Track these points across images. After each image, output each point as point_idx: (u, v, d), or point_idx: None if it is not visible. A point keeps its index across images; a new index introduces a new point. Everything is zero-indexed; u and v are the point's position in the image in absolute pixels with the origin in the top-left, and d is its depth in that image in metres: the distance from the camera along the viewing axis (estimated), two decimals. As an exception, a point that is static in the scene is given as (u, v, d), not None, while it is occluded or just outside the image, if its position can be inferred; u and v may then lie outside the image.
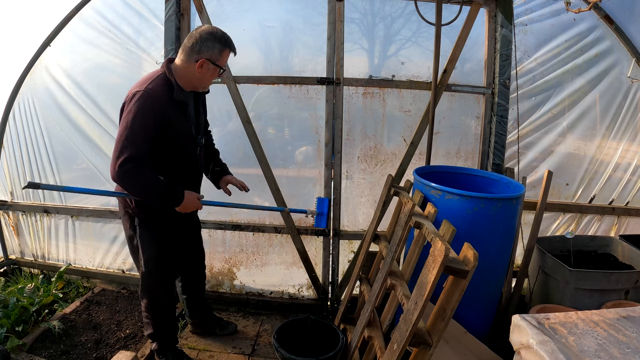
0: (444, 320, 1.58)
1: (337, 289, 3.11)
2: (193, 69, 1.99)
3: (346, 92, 2.85)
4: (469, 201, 2.17)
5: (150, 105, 1.89)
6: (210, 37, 1.97)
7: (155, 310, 2.32)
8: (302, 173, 3.02)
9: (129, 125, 1.87)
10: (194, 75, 2.01)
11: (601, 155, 3.01)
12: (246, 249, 3.14)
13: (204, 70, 2.00)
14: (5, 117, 3.16)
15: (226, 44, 2.01)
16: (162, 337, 2.38)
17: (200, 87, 2.11)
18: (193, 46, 1.96)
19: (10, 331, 2.53)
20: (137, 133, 1.87)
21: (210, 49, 1.97)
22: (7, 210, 3.39)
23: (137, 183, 1.92)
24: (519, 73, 2.83)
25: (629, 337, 1.42)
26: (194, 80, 2.04)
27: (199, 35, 1.97)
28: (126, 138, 1.86)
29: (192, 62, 1.98)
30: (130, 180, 1.90)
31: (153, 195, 1.98)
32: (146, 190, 1.96)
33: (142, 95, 1.89)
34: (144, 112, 1.87)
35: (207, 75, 2.04)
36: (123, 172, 1.86)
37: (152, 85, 1.93)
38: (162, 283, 2.30)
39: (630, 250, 2.71)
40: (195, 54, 1.97)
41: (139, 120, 1.87)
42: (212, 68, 2.01)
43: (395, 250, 2.01)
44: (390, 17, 2.87)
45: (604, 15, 2.73)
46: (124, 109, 1.94)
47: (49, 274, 3.38)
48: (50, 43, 2.96)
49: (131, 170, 1.87)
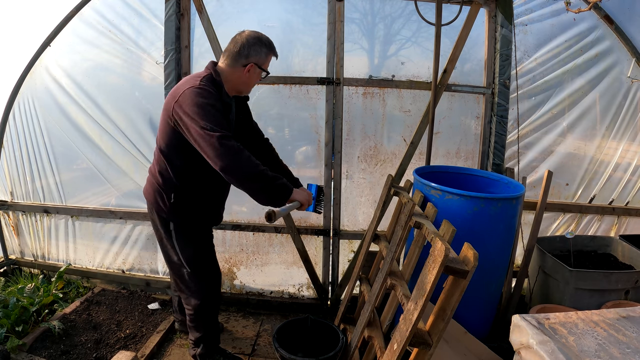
0: (444, 320, 1.58)
1: (337, 288, 3.11)
2: (240, 74, 2.00)
3: (346, 92, 2.85)
4: (469, 201, 2.17)
5: (212, 95, 1.86)
6: (257, 42, 1.98)
7: (206, 310, 2.27)
8: (302, 173, 3.01)
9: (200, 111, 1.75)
10: (240, 79, 2.02)
11: (601, 155, 3.01)
12: (246, 248, 3.14)
13: (251, 74, 2.01)
14: (5, 117, 3.16)
15: (271, 48, 2.03)
16: (209, 340, 2.34)
17: (245, 91, 2.11)
18: (241, 51, 1.97)
19: (10, 331, 2.53)
20: (214, 111, 1.79)
21: (258, 54, 1.99)
22: (7, 210, 3.39)
23: (245, 161, 1.75)
24: (519, 73, 2.83)
25: (629, 337, 1.42)
26: (240, 84, 2.05)
27: (246, 40, 1.97)
28: (207, 121, 1.74)
29: (238, 67, 1.99)
30: (237, 158, 1.72)
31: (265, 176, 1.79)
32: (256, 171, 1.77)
33: (200, 88, 1.84)
34: (207, 99, 1.81)
35: (253, 79, 2.05)
36: (227, 154, 1.71)
37: (204, 83, 1.90)
38: (212, 281, 2.28)
39: (630, 250, 2.71)
40: (244, 58, 1.97)
41: (208, 103, 1.80)
42: (257, 72, 2.03)
43: (395, 250, 2.01)
44: (390, 17, 2.87)
45: (604, 15, 2.73)
46: (174, 105, 1.84)
47: (49, 274, 3.38)
48: (50, 43, 2.96)
49: (234, 146, 1.72)
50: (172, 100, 1.89)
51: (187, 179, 2.04)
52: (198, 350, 2.37)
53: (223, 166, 1.74)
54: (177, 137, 1.92)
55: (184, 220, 2.11)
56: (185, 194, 2.06)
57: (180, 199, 2.06)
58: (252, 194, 1.84)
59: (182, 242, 2.14)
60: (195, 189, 2.07)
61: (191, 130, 1.78)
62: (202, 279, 2.22)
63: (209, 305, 2.30)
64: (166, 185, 2.05)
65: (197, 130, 1.75)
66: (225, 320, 2.97)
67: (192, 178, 2.04)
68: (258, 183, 1.79)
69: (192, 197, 2.08)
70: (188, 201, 2.08)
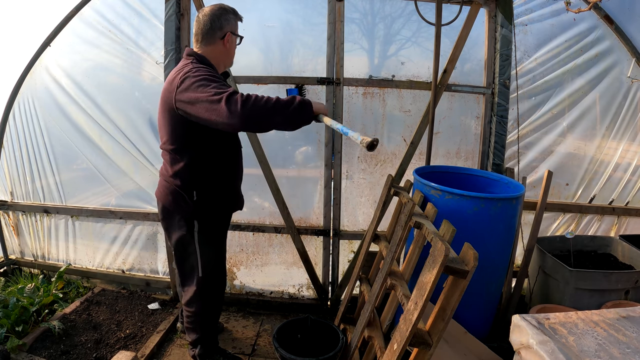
0: (444, 320, 1.58)
1: (337, 289, 3.11)
2: (220, 47, 2.02)
3: (346, 92, 2.85)
4: (469, 201, 2.17)
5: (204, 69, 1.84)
6: (224, 11, 1.99)
7: (207, 314, 2.28)
8: (302, 173, 3.02)
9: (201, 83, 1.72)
10: (222, 53, 2.03)
11: (601, 155, 3.01)
12: (246, 248, 3.14)
13: (230, 43, 2.04)
14: (5, 117, 3.16)
15: (235, 12, 2.06)
16: (207, 341, 2.35)
17: (228, 63, 2.13)
18: (213, 25, 1.97)
19: (10, 331, 2.53)
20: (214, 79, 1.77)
21: (229, 21, 2.01)
22: (7, 210, 3.39)
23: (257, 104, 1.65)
24: (519, 73, 2.83)
25: (629, 337, 1.42)
26: (224, 58, 2.06)
27: (212, 13, 1.97)
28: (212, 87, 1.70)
29: (217, 41, 2.00)
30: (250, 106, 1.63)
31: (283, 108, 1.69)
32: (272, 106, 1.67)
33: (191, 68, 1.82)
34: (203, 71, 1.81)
35: (232, 48, 2.08)
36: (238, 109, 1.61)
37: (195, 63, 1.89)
38: (218, 286, 2.30)
39: (630, 250, 2.71)
40: (219, 30, 1.98)
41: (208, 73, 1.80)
42: (234, 39, 2.06)
43: (395, 250, 2.01)
44: (390, 17, 2.87)
45: (604, 15, 2.73)
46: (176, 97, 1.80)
47: (49, 274, 3.38)
48: (50, 43, 2.96)
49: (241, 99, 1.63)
50: (170, 94, 1.85)
51: (205, 170, 2.02)
52: (196, 350, 2.37)
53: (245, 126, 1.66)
54: (187, 127, 1.89)
55: (209, 217, 2.10)
56: (207, 186, 2.04)
57: (204, 194, 2.04)
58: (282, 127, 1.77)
59: (204, 244, 2.11)
60: (215, 177, 2.05)
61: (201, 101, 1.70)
62: (210, 285, 2.22)
63: (211, 310, 2.31)
64: (186, 185, 2.01)
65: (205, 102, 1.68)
66: (225, 320, 2.97)
67: (210, 167, 2.02)
68: (280, 116, 1.70)
69: (215, 186, 2.06)
70: (211, 192, 2.06)
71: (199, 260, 2.12)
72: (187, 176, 2.00)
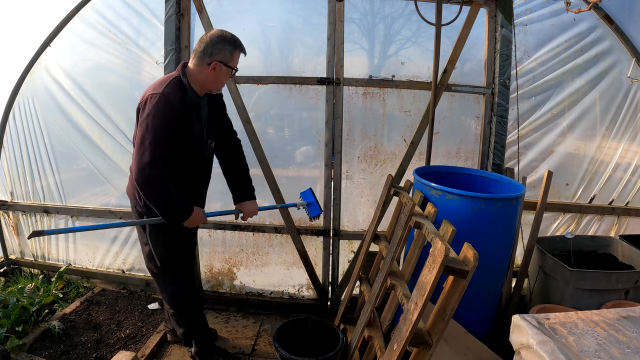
0: (444, 320, 1.58)
1: (337, 289, 3.11)
2: (206, 72, 2.04)
3: (346, 92, 2.85)
4: (469, 201, 2.17)
5: (169, 107, 1.92)
6: (220, 40, 2.02)
7: (181, 305, 2.31)
8: (302, 173, 3.01)
9: (150, 128, 1.90)
10: (207, 78, 2.05)
11: (601, 155, 3.01)
12: (246, 249, 3.14)
13: (217, 72, 2.04)
14: (5, 117, 3.16)
15: (236, 45, 2.06)
16: (198, 334, 2.36)
17: (214, 89, 2.15)
18: (205, 50, 2.01)
19: (10, 331, 2.53)
20: (160, 136, 1.90)
21: (222, 51, 2.02)
22: (7, 210, 3.39)
23: (159, 189, 1.94)
24: (519, 73, 2.82)
25: (629, 337, 1.42)
26: (208, 83, 2.08)
27: (210, 39, 2.02)
28: (150, 142, 1.88)
29: (204, 66, 2.03)
30: (153, 185, 1.92)
31: (167, 206, 1.99)
32: (164, 199, 1.97)
33: (160, 98, 1.92)
34: (162, 114, 1.91)
35: (220, 77, 2.07)
36: (148, 176, 1.89)
37: (168, 88, 1.97)
38: (180, 276, 2.29)
39: (630, 250, 2.71)
40: (208, 57, 2.01)
41: (160, 123, 1.90)
42: (224, 70, 2.05)
43: (395, 250, 2.01)
44: (390, 17, 2.87)
45: (604, 15, 2.73)
46: (141, 112, 1.96)
47: (49, 274, 3.38)
48: (50, 43, 2.96)
49: (156, 175, 1.90)
50: (140, 104, 1.99)
51: None
52: (193, 349, 2.39)
53: (138, 184, 1.93)
54: None
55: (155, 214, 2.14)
56: None
57: None
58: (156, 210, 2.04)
59: (155, 236, 2.19)
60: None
61: (139, 138, 1.93)
62: (171, 274, 2.26)
63: (184, 298, 2.31)
64: None
65: (139, 144, 1.92)
66: (225, 320, 2.97)
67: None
68: (159, 209, 2.00)
69: None
70: None
71: (152, 250, 2.21)
72: None
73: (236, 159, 2.41)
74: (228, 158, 2.39)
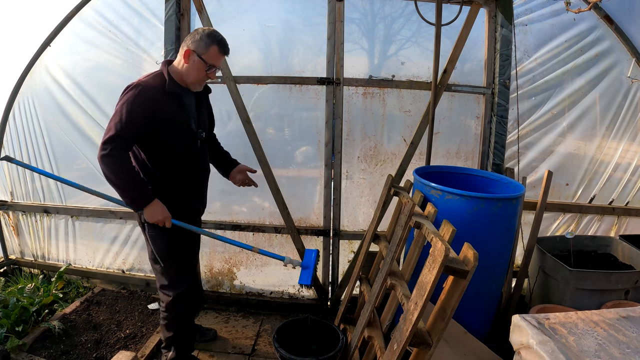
0: (444, 320, 1.58)
1: (337, 289, 3.11)
2: (181, 62, 2.06)
3: (346, 92, 2.85)
4: (469, 201, 2.17)
5: (139, 94, 1.95)
6: (199, 32, 2.05)
7: (177, 310, 2.25)
8: (302, 173, 3.01)
9: (117, 112, 1.95)
10: (182, 67, 2.07)
11: (601, 155, 3.01)
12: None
13: (190, 62, 2.04)
14: (5, 117, 3.16)
15: (214, 39, 2.04)
16: (181, 342, 2.32)
17: (189, 83, 2.10)
18: (185, 40, 2.07)
19: (10, 331, 2.53)
20: (125, 118, 1.92)
21: (197, 42, 2.03)
22: (7, 210, 3.39)
23: (116, 165, 1.92)
24: (519, 73, 2.83)
25: (629, 337, 1.42)
26: (183, 74, 2.08)
27: (194, 31, 2.07)
28: (115, 123, 1.93)
29: (181, 55, 2.06)
30: (110, 160, 1.91)
31: (126, 183, 1.97)
32: (122, 176, 1.95)
33: (134, 87, 1.97)
34: (132, 100, 1.94)
35: (192, 69, 2.05)
36: (104, 151, 1.90)
37: (145, 79, 2.02)
38: (183, 277, 2.25)
39: (630, 250, 2.71)
40: (185, 45, 2.05)
41: (128, 107, 1.93)
42: (197, 61, 2.03)
43: (395, 250, 2.01)
44: (390, 17, 2.87)
45: (604, 15, 2.73)
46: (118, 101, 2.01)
47: (49, 274, 3.38)
48: (50, 43, 2.96)
49: (113, 150, 1.91)
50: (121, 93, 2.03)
51: (151, 171, 2.09)
52: (170, 354, 2.32)
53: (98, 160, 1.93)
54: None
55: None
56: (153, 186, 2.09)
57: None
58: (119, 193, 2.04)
59: (155, 236, 2.17)
60: (161, 180, 2.11)
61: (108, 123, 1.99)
62: (174, 275, 2.23)
63: (182, 304, 2.26)
64: None
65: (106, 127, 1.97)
66: (225, 320, 2.97)
67: (156, 170, 2.09)
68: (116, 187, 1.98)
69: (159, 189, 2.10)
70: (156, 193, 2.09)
71: (153, 250, 2.19)
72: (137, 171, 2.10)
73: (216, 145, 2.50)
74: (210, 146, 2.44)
